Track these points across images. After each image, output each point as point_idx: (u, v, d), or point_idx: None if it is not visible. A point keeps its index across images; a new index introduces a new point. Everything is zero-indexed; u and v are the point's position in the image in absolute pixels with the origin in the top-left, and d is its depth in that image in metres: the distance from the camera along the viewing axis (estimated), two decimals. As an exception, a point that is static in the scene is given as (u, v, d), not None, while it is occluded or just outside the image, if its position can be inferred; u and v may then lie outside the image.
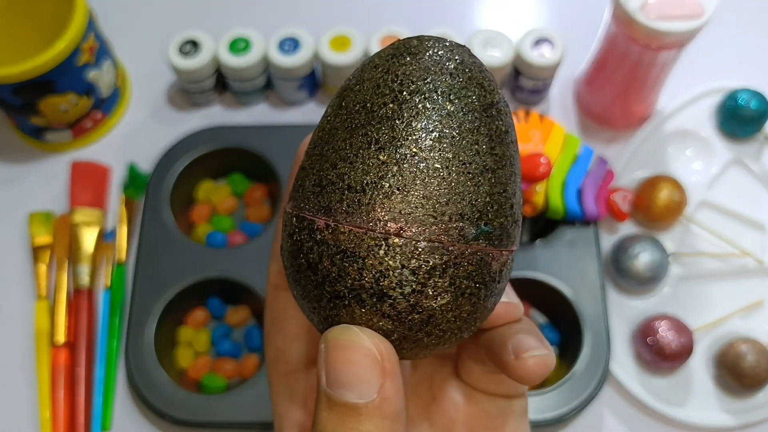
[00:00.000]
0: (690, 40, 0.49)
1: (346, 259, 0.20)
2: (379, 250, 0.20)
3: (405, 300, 0.20)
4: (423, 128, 0.20)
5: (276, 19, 0.65)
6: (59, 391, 0.50)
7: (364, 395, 0.20)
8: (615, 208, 0.53)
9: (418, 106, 0.20)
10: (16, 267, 0.56)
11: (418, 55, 0.21)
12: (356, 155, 0.20)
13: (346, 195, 0.20)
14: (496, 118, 0.21)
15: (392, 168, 0.20)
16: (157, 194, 0.55)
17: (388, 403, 0.20)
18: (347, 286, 0.20)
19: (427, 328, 0.21)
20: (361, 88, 0.21)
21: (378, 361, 0.20)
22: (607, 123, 0.60)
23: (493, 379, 0.25)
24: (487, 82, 0.22)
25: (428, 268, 0.20)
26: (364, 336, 0.20)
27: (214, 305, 0.54)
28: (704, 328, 0.52)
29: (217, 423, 0.48)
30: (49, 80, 0.52)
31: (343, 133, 0.21)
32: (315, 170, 0.21)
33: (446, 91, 0.21)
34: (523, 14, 0.67)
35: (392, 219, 0.20)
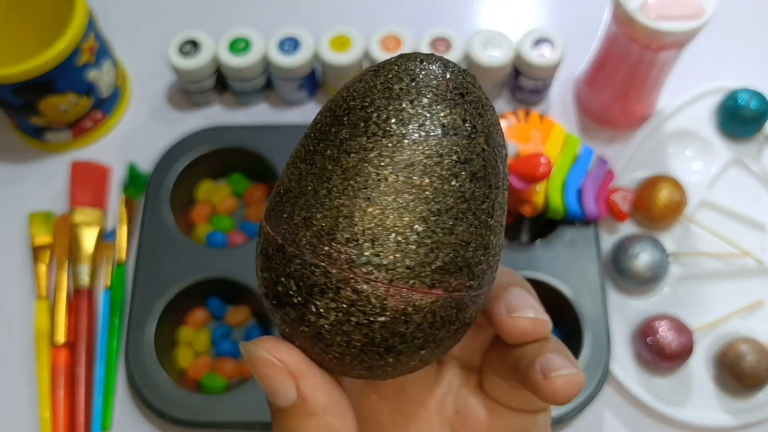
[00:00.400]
0: (690, 40, 0.49)
1: (265, 257, 0.22)
2: (278, 254, 0.21)
3: (293, 309, 0.21)
4: (359, 160, 0.20)
5: (276, 19, 0.65)
6: (59, 391, 0.50)
7: (286, 399, 0.22)
8: (615, 208, 0.53)
9: (343, 123, 0.21)
10: (16, 267, 0.56)
11: (378, 73, 0.21)
12: (307, 184, 0.21)
13: (275, 198, 0.22)
14: (467, 148, 0.20)
15: (307, 178, 0.21)
16: (157, 194, 0.55)
17: (308, 401, 0.22)
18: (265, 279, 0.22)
19: (319, 344, 0.21)
20: (324, 109, 0.22)
21: (281, 368, 0.22)
22: (607, 123, 0.60)
23: (518, 395, 0.25)
24: (443, 105, 0.20)
25: (310, 284, 0.20)
26: (261, 350, 0.22)
27: (214, 305, 0.54)
28: (704, 328, 0.52)
29: (217, 423, 0.48)
30: (49, 80, 0.52)
31: (303, 154, 0.22)
32: (281, 187, 0.22)
33: (400, 119, 0.20)
34: (523, 14, 0.67)
35: (289, 230, 0.21)
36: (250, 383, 0.48)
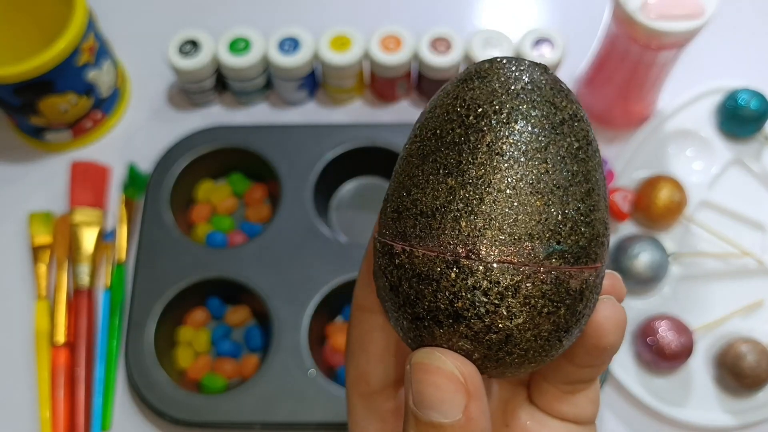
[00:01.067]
0: (690, 40, 0.49)
1: (422, 282, 0.21)
2: (451, 272, 0.20)
3: (480, 321, 0.20)
4: (488, 150, 0.20)
5: (276, 19, 0.65)
6: (59, 391, 0.50)
7: (450, 415, 0.20)
8: (615, 208, 0.53)
9: (484, 129, 0.21)
10: (16, 267, 0.56)
11: (486, 78, 0.22)
12: (427, 181, 0.21)
13: (418, 220, 0.21)
14: (568, 135, 0.21)
15: (459, 192, 0.20)
16: (157, 194, 0.55)
17: (473, 423, 0.21)
18: (425, 308, 0.21)
19: (506, 347, 0.21)
20: (433, 115, 0.22)
21: (461, 383, 0.21)
22: (607, 123, 0.60)
23: (567, 400, 0.25)
24: (559, 98, 0.22)
25: (500, 289, 0.20)
26: (447, 359, 0.21)
27: (213, 305, 0.54)
28: (704, 328, 0.52)
29: (217, 423, 0.48)
30: (48, 80, 0.52)
31: (416, 160, 0.22)
32: (394, 197, 0.22)
33: (511, 112, 0.21)
34: (523, 14, 0.67)
35: (461, 242, 0.20)
36: (249, 383, 0.49)
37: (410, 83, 0.62)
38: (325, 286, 0.51)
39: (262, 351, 0.52)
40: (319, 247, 0.53)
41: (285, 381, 0.48)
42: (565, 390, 0.25)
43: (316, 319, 0.51)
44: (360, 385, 0.27)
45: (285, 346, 0.49)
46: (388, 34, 0.58)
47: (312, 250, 0.53)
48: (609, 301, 0.23)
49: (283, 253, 0.53)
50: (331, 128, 0.58)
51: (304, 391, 0.48)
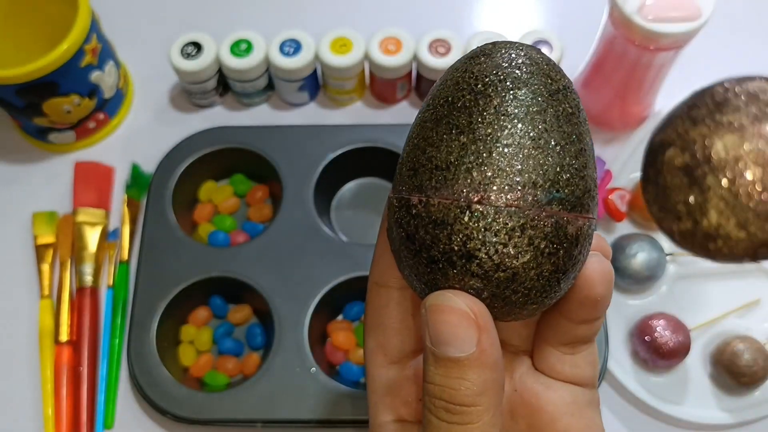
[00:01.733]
0: (687, 42, 0.50)
1: (437, 227, 0.23)
2: (464, 216, 0.23)
3: (490, 259, 0.23)
4: (495, 112, 0.23)
5: (277, 21, 0.66)
6: (62, 389, 0.51)
7: (464, 349, 0.23)
8: (612, 207, 0.53)
9: (491, 95, 0.23)
10: (20, 266, 0.56)
11: (491, 55, 0.25)
12: (441, 140, 0.24)
13: (434, 174, 0.23)
14: (563, 102, 0.24)
15: (471, 147, 0.23)
16: (160, 194, 0.55)
17: (486, 354, 0.23)
18: (440, 250, 0.23)
19: (513, 285, 0.23)
20: (444, 87, 0.25)
21: (472, 318, 0.23)
22: (605, 124, 0.60)
23: (567, 361, 0.28)
24: (553, 72, 0.25)
25: (508, 230, 0.23)
26: (458, 299, 0.23)
27: (216, 304, 0.54)
28: (701, 326, 0.52)
29: (219, 420, 0.48)
30: (52, 81, 0.53)
31: (430, 124, 0.24)
32: (409, 158, 0.25)
33: (515, 81, 0.24)
34: (522, 16, 0.68)
35: (473, 190, 0.23)
36: (251, 381, 0.49)
37: (410, 85, 0.62)
38: (326, 285, 0.52)
39: (263, 349, 0.53)
40: (320, 247, 0.53)
41: (286, 379, 0.49)
42: (565, 351, 0.28)
43: (317, 317, 0.51)
44: (378, 356, 0.28)
45: (286, 344, 0.50)
46: (388, 36, 0.58)
47: (313, 249, 0.53)
48: (596, 256, 0.25)
49: (285, 253, 0.53)
50: (331, 129, 0.58)
51: (306, 389, 0.49)
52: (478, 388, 0.23)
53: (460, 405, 0.23)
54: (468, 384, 0.23)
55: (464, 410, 0.23)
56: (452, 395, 0.23)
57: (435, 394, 0.24)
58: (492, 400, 0.24)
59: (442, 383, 0.23)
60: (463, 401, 0.23)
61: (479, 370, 0.23)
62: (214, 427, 0.49)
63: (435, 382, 0.24)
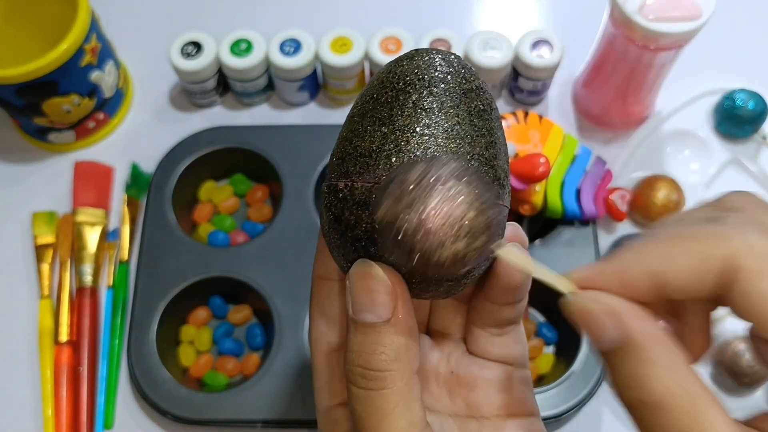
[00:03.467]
0: (688, 42, 0.50)
1: (360, 208, 0.25)
2: None
3: None
4: (413, 106, 0.25)
5: (277, 21, 0.66)
6: (62, 389, 0.51)
7: (381, 315, 0.24)
8: (613, 207, 0.53)
9: (410, 91, 0.26)
10: (19, 266, 0.56)
11: (413, 59, 0.27)
12: (365, 131, 0.26)
13: (358, 161, 0.25)
14: (475, 99, 0.26)
15: (390, 136, 0.25)
16: (160, 194, 0.55)
17: (400, 322, 0.25)
18: (362, 229, 0.25)
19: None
20: (371, 86, 0.27)
21: (389, 286, 0.24)
22: (606, 124, 0.60)
23: (497, 342, 0.30)
24: (468, 74, 0.27)
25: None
26: (377, 267, 0.25)
27: (215, 304, 0.54)
28: (702, 326, 0.52)
29: (219, 421, 0.48)
30: (52, 81, 0.53)
31: (357, 119, 0.27)
32: (338, 149, 0.27)
33: (432, 80, 0.26)
34: (522, 16, 0.68)
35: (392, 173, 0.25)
36: (251, 381, 0.49)
37: (410, 84, 0.62)
38: (326, 285, 0.52)
39: (263, 349, 0.53)
40: (320, 247, 0.53)
41: (286, 379, 0.49)
42: (494, 333, 0.30)
43: (317, 317, 0.51)
44: (321, 344, 0.30)
45: (286, 344, 0.50)
46: (388, 35, 0.58)
47: (313, 249, 0.52)
48: (513, 246, 0.27)
49: (285, 253, 0.53)
50: (332, 129, 0.58)
51: (306, 389, 0.49)
52: (392, 354, 0.24)
53: (375, 370, 0.24)
54: (382, 349, 0.24)
55: (378, 375, 0.24)
56: (368, 360, 0.25)
57: (353, 361, 0.25)
58: (406, 366, 0.25)
59: (359, 349, 0.25)
60: (378, 366, 0.24)
61: (394, 337, 0.25)
62: (214, 427, 0.49)
63: (353, 349, 0.25)
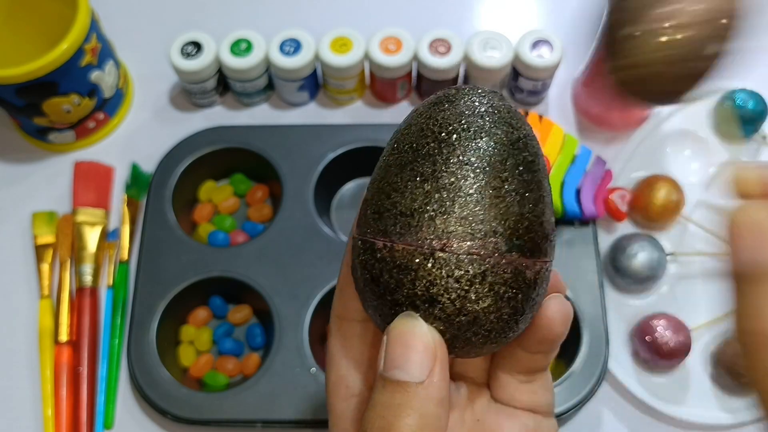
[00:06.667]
0: (687, 42, 0.50)
1: (401, 272, 0.24)
2: (428, 263, 0.24)
3: (452, 304, 0.24)
4: (458, 162, 0.24)
5: (277, 21, 0.66)
6: (62, 389, 0.51)
7: (415, 376, 0.22)
8: (613, 207, 0.53)
9: (454, 144, 0.24)
10: (19, 266, 0.56)
11: (454, 102, 0.25)
12: (405, 186, 0.24)
13: (398, 219, 0.24)
14: (523, 150, 0.25)
15: (434, 195, 0.24)
16: (160, 194, 0.55)
17: (435, 387, 0.23)
18: (404, 294, 0.24)
19: (473, 328, 0.24)
20: (409, 132, 0.26)
21: (431, 347, 0.23)
22: (606, 124, 0.60)
23: (525, 390, 0.28)
24: (514, 120, 0.25)
25: (469, 277, 0.24)
26: (423, 323, 0.23)
27: (215, 304, 0.54)
28: (702, 326, 0.52)
29: (219, 421, 0.48)
30: (52, 81, 0.53)
31: (395, 169, 0.25)
32: (374, 201, 0.25)
33: (477, 131, 0.25)
34: (522, 15, 0.68)
35: (437, 237, 0.24)
36: (251, 381, 0.49)
37: (410, 84, 0.62)
38: (326, 285, 0.52)
39: (263, 349, 0.53)
40: (320, 247, 0.53)
41: (286, 379, 0.49)
42: (522, 380, 0.28)
43: (317, 317, 0.51)
44: (340, 389, 0.28)
45: (286, 344, 0.50)
46: (388, 35, 0.58)
47: (313, 249, 0.53)
48: (557, 298, 0.26)
49: (285, 253, 0.53)
50: (331, 129, 0.58)
51: (306, 390, 0.49)
52: (418, 421, 0.22)
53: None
54: (409, 412, 0.22)
55: None
56: (390, 424, 0.22)
57: (372, 422, 0.22)
58: None
59: (382, 410, 0.22)
60: (401, 431, 0.22)
61: (425, 402, 0.22)
62: (214, 427, 0.48)
63: (375, 409, 0.22)
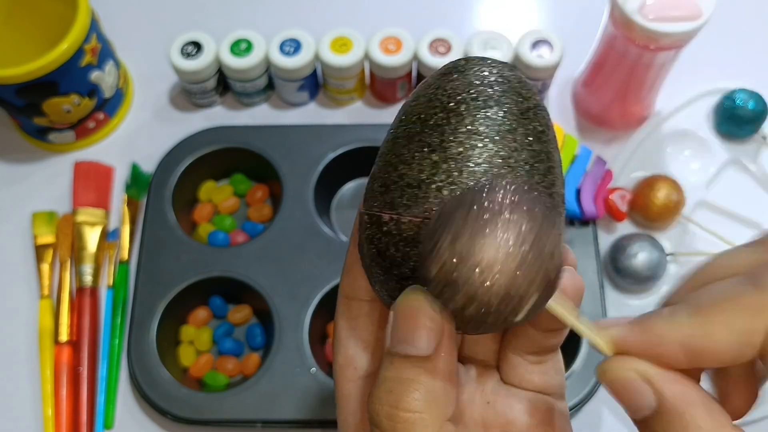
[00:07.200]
0: (688, 42, 0.50)
1: (408, 245, 0.23)
2: None
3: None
4: (467, 131, 0.23)
5: (277, 21, 0.66)
6: (62, 389, 0.51)
7: (423, 349, 0.22)
8: (613, 207, 0.53)
9: (463, 114, 0.23)
10: (19, 266, 0.56)
11: (464, 72, 0.25)
12: (413, 158, 0.23)
13: (405, 191, 0.23)
14: (533, 120, 0.24)
15: (442, 166, 0.23)
16: (160, 194, 0.55)
17: (443, 361, 0.22)
18: (410, 267, 0.23)
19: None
20: (417, 103, 0.25)
21: (438, 320, 0.22)
22: (606, 124, 0.60)
23: (535, 370, 0.28)
24: (524, 90, 0.24)
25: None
26: (429, 297, 0.22)
27: (215, 304, 0.54)
28: (702, 326, 0.52)
29: (219, 421, 0.48)
30: (52, 81, 0.53)
31: (403, 141, 0.24)
32: (381, 174, 0.24)
33: (486, 100, 0.24)
34: (522, 15, 0.68)
35: None
36: (251, 381, 0.49)
37: (410, 84, 0.62)
38: (326, 285, 0.52)
39: (263, 349, 0.53)
40: (320, 247, 0.53)
41: (286, 379, 0.49)
42: (532, 361, 0.27)
43: (317, 317, 0.51)
44: (348, 370, 0.28)
45: (286, 344, 0.50)
46: (388, 35, 0.58)
47: (313, 249, 0.53)
48: (569, 271, 0.25)
49: (285, 253, 0.53)
50: (331, 129, 0.58)
51: (306, 389, 0.49)
52: (426, 395, 0.22)
53: (404, 410, 0.22)
54: (416, 386, 0.22)
55: (408, 418, 0.22)
56: (398, 399, 0.22)
57: (381, 398, 0.22)
58: (439, 413, 0.22)
59: (390, 385, 0.22)
60: (409, 405, 0.22)
61: (432, 376, 0.22)
62: (214, 427, 0.48)
63: (383, 385, 0.22)
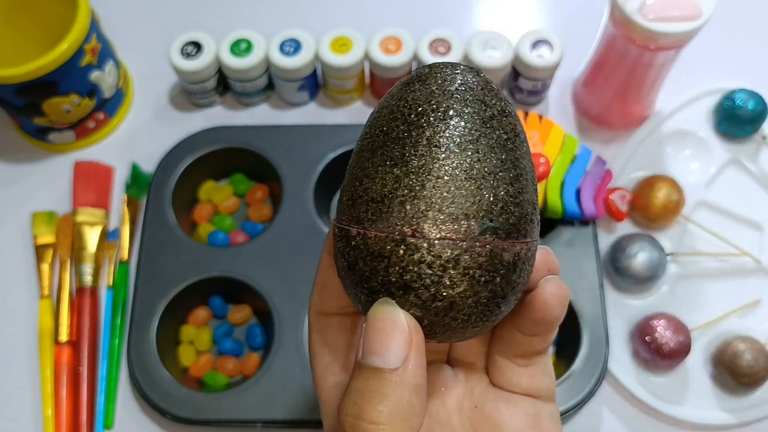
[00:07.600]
0: (688, 42, 0.50)
1: (375, 260, 0.23)
2: (399, 249, 0.23)
3: (426, 290, 0.23)
4: (427, 143, 0.23)
5: (277, 21, 0.66)
6: (62, 389, 0.51)
7: (390, 362, 0.22)
8: (613, 207, 0.53)
9: (423, 126, 0.24)
10: (19, 266, 0.56)
11: (425, 82, 0.25)
12: (376, 172, 0.24)
13: (370, 206, 0.24)
14: (497, 129, 0.24)
15: (404, 180, 0.23)
16: (160, 194, 0.55)
17: (410, 373, 0.22)
18: (378, 282, 0.24)
19: (451, 313, 0.23)
20: (380, 115, 0.25)
21: (406, 333, 0.22)
22: (606, 124, 0.60)
23: (524, 374, 0.28)
24: (488, 97, 0.24)
25: (442, 262, 0.23)
26: (400, 310, 0.23)
27: (215, 304, 0.54)
28: (702, 326, 0.52)
29: (219, 421, 0.48)
30: (52, 81, 0.53)
31: (367, 154, 0.25)
32: (348, 187, 0.25)
33: (446, 110, 0.24)
34: (522, 15, 0.68)
35: (407, 223, 0.23)
36: (251, 381, 0.49)
37: (410, 84, 0.62)
38: (326, 285, 0.52)
39: (263, 349, 0.53)
40: (319, 247, 0.53)
41: (286, 379, 0.49)
42: (520, 364, 0.28)
43: (317, 317, 0.51)
44: (327, 378, 0.28)
45: (286, 344, 0.50)
46: (388, 35, 0.58)
47: (313, 249, 0.53)
48: (553, 279, 0.25)
49: (285, 253, 0.53)
50: (331, 129, 0.58)
51: (306, 389, 0.49)
52: (390, 407, 0.22)
53: (368, 422, 0.22)
54: (381, 398, 0.22)
55: (371, 429, 0.22)
56: (362, 409, 0.22)
57: (346, 409, 0.22)
58: (403, 426, 0.22)
59: (356, 396, 0.22)
60: (371, 417, 0.22)
61: (398, 389, 0.22)
62: (214, 427, 0.48)
63: (350, 396, 0.22)
